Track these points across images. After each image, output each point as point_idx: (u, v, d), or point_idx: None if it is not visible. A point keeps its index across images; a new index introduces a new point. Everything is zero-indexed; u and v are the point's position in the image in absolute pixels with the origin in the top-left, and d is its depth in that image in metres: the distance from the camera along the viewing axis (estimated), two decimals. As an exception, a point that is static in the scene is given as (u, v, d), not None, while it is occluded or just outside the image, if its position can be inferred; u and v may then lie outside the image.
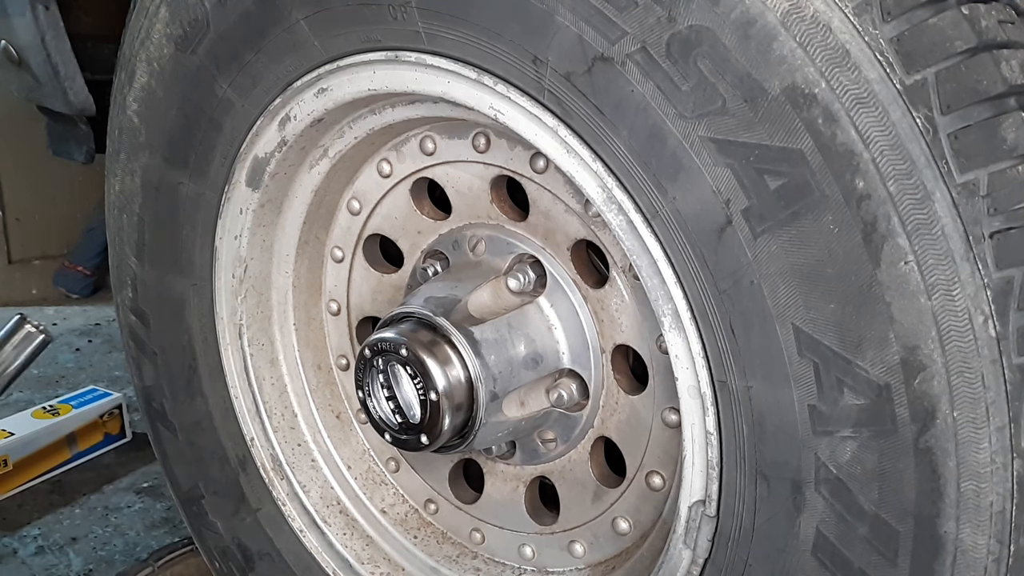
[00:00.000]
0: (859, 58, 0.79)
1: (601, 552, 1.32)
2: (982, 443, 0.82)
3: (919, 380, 0.82)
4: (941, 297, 0.80)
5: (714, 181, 0.89)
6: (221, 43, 1.28)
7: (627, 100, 0.92)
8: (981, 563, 0.84)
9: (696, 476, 1.02)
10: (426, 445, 1.21)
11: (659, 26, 0.88)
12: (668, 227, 0.94)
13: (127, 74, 1.42)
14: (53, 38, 1.46)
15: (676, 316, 0.97)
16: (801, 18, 0.81)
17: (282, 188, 1.39)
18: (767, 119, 0.84)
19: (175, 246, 1.47)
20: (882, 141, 0.79)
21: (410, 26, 1.08)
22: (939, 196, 0.79)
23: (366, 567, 1.51)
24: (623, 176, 0.96)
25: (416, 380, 1.19)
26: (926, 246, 0.80)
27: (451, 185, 1.32)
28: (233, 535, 1.63)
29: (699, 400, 0.98)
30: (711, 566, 1.04)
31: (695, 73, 0.87)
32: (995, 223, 0.79)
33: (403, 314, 1.24)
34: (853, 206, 0.81)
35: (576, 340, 1.24)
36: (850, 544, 0.91)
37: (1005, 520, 0.83)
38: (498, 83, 1.03)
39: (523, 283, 1.25)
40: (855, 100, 0.80)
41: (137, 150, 1.46)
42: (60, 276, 4.30)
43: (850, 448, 0.88)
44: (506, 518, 1.42)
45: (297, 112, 1.26)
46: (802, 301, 0.87)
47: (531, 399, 1.26)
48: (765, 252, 0.87)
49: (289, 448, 1.54)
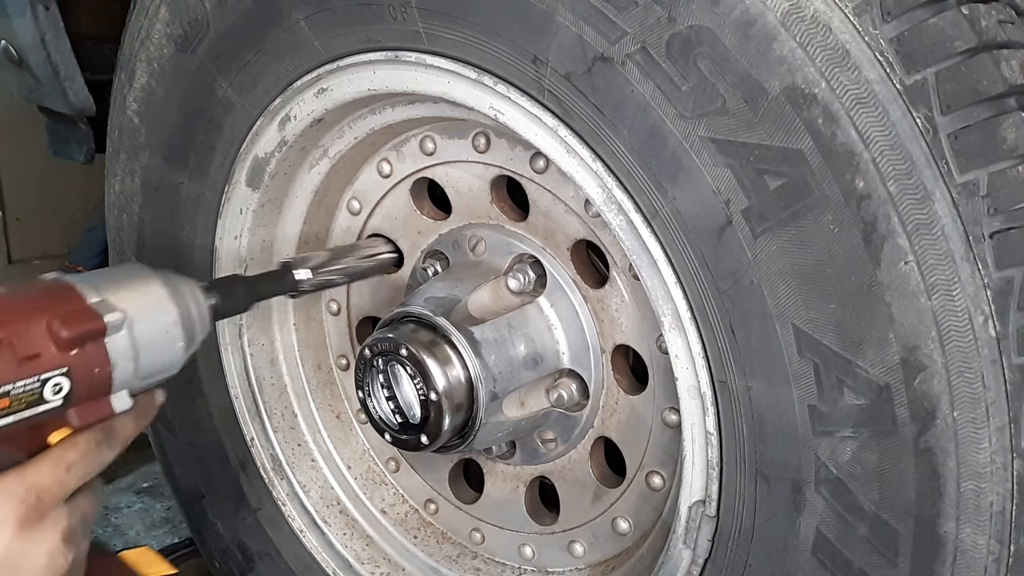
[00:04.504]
0: (859, 58, 0.79)
1: (601, 552, 1.32)
2: (982, 443, 0.82)
3: (919, 380, 0.82)
4: (941, 297, 0.80)
5: (714, 181, 0.89)
6: (221, 43, 1.28)
7: (627, 100, 0.92)
8: (981, 563, 0.84)
9: (696, 476, 1.02)
10: (426, 445, 1.21)
11: (659, 26, 0.88)
12: (668, 227, 0.94)
13: (127, 74, 1.42)
14: (53, 38, 1.45)
15: (676, 316, 0.97)
16: (801, 18, 0.81)
17: (282, 188, 1.39)
18: (767, 119, 0.84)
19: (175, 246, 1.47)
20: (882, 141, 0.79)
21: (410, 26, 1.08)
22: (939, 196, 0.79)
23: (366, 567, 1.51)
24: (623, 176, 0.96)
25: (416, 380, 1.19)
26: (926, 246, 0.80)
27: (451, 185, 1.32)
28: (233, 535, 1.63)
29: (699, 400, 0.98)
30: (711, 566, 1.04)
31: (695, 73, 0.87)
32: (995, 223, 0.79)
33: (403, 314, 1.24)
34: (853, 206, 0.81)
35: (576, 340, 1.24)
36: (850, 544, 0.91)
37: (1005, 520, 0.83)
38: (498, 83, 1.03)
39: (523, 283, 1.25)
40: (855, 100, 0.80)
41: (137, 150, 1.46)
42: None
43: (850, 448, 0.88)
44: (506, 518, 1.42)
45: (297, 112, 1.26)
46: (802, 301, 0.87)
47: (531, 399, 1.26)
48: (765, 252, 0.87)
49: (289, 448, 1.54)
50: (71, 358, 0.82)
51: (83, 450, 0.84)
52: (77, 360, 0.82)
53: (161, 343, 0.90)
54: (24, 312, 0.81)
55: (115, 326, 0.84)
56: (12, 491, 0.78)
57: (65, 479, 0.82)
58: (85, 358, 0.83)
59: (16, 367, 0.79)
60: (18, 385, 0.79)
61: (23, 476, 0.79)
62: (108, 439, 0.87)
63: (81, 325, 0.82)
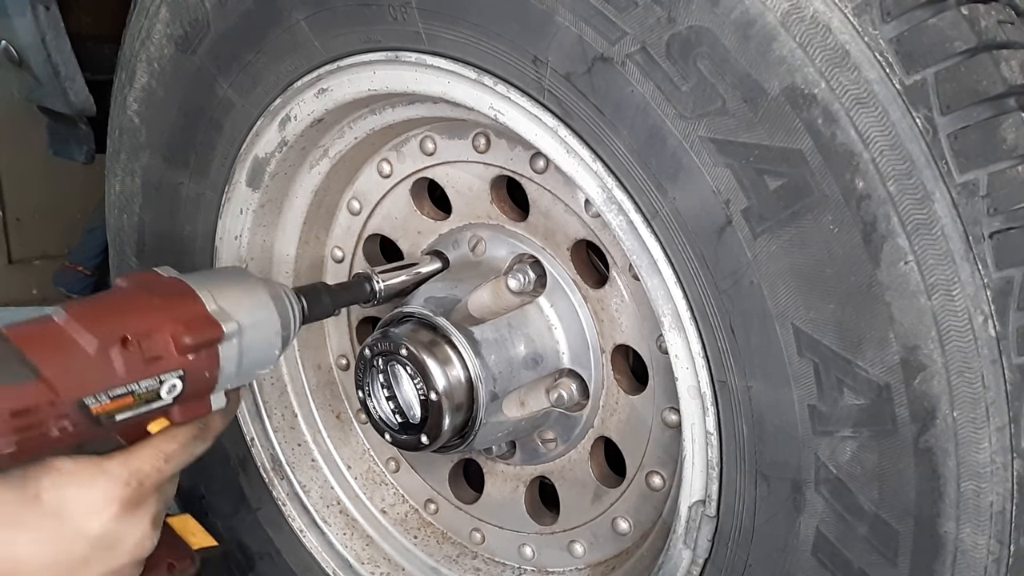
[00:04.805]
0: (859, 58, 0.79)
1: (601, 552, 1.32)
2: (982, 443, 0.82)
3: (919, 380, 0.82)
4: (941, 297, 0.80)
5: (714, 181, 0.89)
6: (221, 43, 1.28)
7: (627, 100, 0.92)
8: (981, 563, 0.84)
9: (696, 476, 1.02)
10: (426, 445, 1.21)
11: (659, 26, 0.88)
12: (668, 227, 0.94)
13: (127, 74, 1.42)
14: (53, 38, 1.45)
15: (676, 316, 0.97)
16: (801, 19, 0.81)
17: (282, 188, 1.39)
18: (767, 119, 0.84)
19: (175, 247, 1.47)
20: (882, 141, 0.80)
21: (410, 26, 1.08)
22: (939, 196, 0.79)
23: (366, 567, 1.51)
24: (623, 176, 0.96)
25: (416, 380, 1.19)
26: (926, 246, 0.80)
27: (451, 185, 1.32)
28: (233, 535, 1.63)
29: (699, 400, 0.98)
30: (711, 566, 1.04)
31: (695, 73, 0.87)
32: (995, 223, 0.79)
33: (403, 314, 1.24)
34: (853, 206, 0.81)
35: (576, 340, 1.24)
36: (850, 544, 0.91)
37: (1005, 520, 0.83)
38: (498, 83, 1.03)
39: (523, 283, 1.25)
40: (855, 100, 0.80)
41: (137, 150, 1.46)
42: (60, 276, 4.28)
43: (850, 448, 0.88)
44: (506, 518, 1.42)
45: (297, 112, 1.26)
46: (802, 301, 0.87)
47: (531, 399, 1.26)
48: (765, 252, 0.88)
49: (289, 448, 1.54)
50: (188, 361, 0.88)
51: (181, 442, 0.90)
52: (193, 363, 0.88)
53: (262, 349, 0.96)
54: (151, 314, 0.87)
55: (230, 335, 0.90)
56: (117, 475, 0.83)
57: (163, 468, 0.88)
58: (199, 362, 0.89)
59: (143, 367, 0.84)
60: (142, 384, 0.85)
61: (127, 462, 0.85)
62: (203, 434, 0.94)
63: (203, 333, 0.88)
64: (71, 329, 0.83)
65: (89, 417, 0.82)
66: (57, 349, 0.82)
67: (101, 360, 0.83)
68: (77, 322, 0.83)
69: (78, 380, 0.82)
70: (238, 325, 0.91)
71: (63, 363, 0.81)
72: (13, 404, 0.77)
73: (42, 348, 0.81)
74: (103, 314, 0.86)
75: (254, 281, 0.98)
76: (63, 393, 0.80)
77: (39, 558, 0.80)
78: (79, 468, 0.83)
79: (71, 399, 0.81)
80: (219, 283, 0.94)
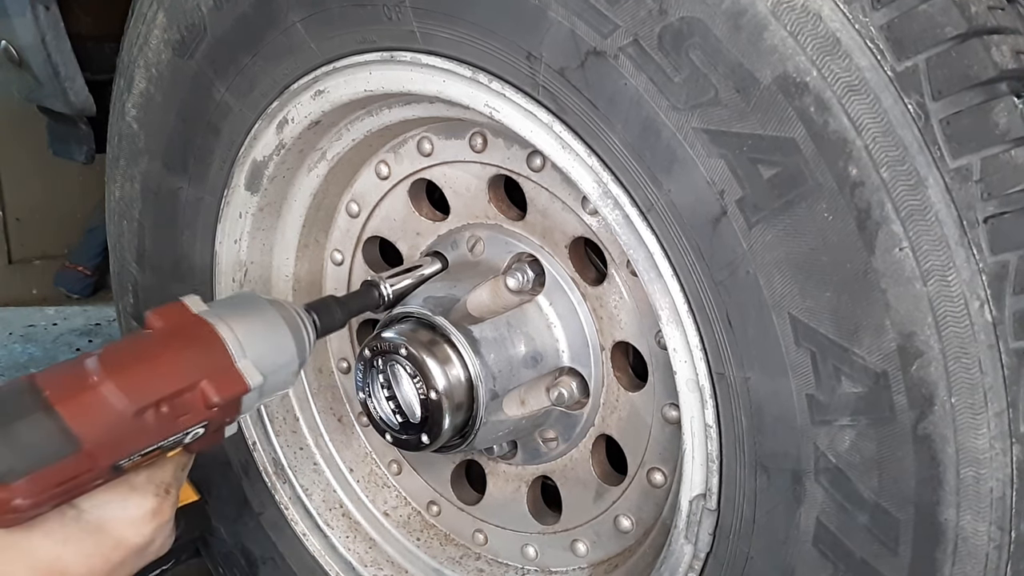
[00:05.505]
0: (850, 46, 0.80)
1: (604, 550, 1.32)
2: (981, 429, 0.81)
3: (916, 367, 0.82)
4: (936, 283, 0.80)
5: (708, 172, 0.89)
6: (218, 47, 1.28)
7: (620, 94, 0.92)
8: (982, 550, 0.84)
9: (696, 470, 1.02)
10: (427, 445, 1.21)
11: (650, 18, 0.88)
12: (663, 220, 0.94)
13: (126, 80, 1.43)
14: (53, 38, 1.46)
15: (673, 309, 0.97)
16: (791, 7, 0.81)
17: (281, 191, 1.39)
18: (759, 109, 0.84)
19: (175, 251, 1.48)
20: (874, 128, 0.80)
21: (405, 26, 1.09)
22: (932, 182, 0.79)
23: (369, 570, 1.51)
24: (618, 170, 0.96)
25: (416, 379, 1.19)
26: (920, 232, 0.80)
27: (449, 185, 1.32)
28: (236, 539, 1.63)
29: (698, 393, 0.98)
30: (713, 560, 1.04)
31: (687, 64, 0.87)
32: (989, 208, 0.79)
33: (403, 314, 1.24)
34: (847, 193, 0.82)
35: (576, 338, 1.24)
36: (851, 534, 0.90)
37: (1005, 506, 0.83)
38: (493, 80, 1.03)
39: (522, 282, 1.25)
40: (847, 88, 0.80)
41: (136, 156, 1.47)
42: (60, 276, 4.29)
43: (849, 437, 0.87)
44: (508, 518, 1.42)
45: (295, 115, 1.26)
46: (798, 290, 0.87)
47: (531, 398, 1.26)
48: (760, 242, 0.88)
49: (291, 452, 1.54)
50: (212, 413, 0.93)
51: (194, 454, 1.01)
52: (216, 414, 0.93)
53: (280, 386, 1.02)
54: (182, 373, 0.91)
55: (255, 388, 0.95)
56: (146, 490, 0.93)
57: (181, 476, 0.99)
58: (223, 412, 0.94)
59: (172, 425, 0.90)
60: (169, 440, 0.91)
61: (152, 477, 0.94)
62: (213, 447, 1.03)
63: (230, 391, 0.93)
64: (107, 391, 0.86)
65: (119, 471, 0.89)
66: (96, 416, 0.85)
67: (136, 425, 0.87)
68: (112, 381, 0.87)
69: (116, 447, 0.87)
70: (263, 378, 0.95)
71: (102, 432, 0.85)
72: (59, 478, 0.83)
73: (82, 416, 0.84)
74: (138, 373, 0.89)
75: (273, 314, 1.01)
76: (102, 461, 0.86)
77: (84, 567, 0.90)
78: (112, 487, 0.91)
79: (108, 464, 0.87)
80: (243, 323, 0.97)
